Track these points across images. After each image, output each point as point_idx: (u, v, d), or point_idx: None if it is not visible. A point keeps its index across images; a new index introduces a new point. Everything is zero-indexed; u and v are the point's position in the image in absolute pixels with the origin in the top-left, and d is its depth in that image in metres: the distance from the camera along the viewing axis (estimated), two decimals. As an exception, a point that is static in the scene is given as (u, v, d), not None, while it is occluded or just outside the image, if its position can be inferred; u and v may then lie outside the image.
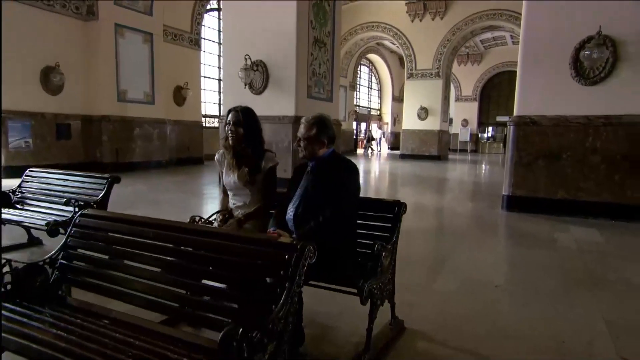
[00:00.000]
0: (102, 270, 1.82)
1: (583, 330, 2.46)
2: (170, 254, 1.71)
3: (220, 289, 1.57)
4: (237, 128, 2.41)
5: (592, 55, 5.56)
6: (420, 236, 4.68)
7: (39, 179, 3.92)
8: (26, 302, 1.72)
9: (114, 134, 10.32)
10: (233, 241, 1.57)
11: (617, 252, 4.23)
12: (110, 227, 1.89)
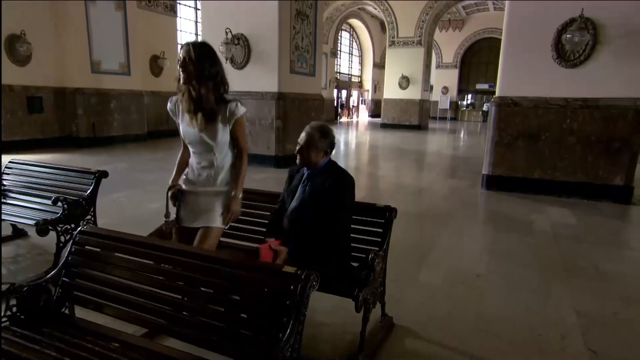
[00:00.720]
0: (103, 289, 1.85)
1: (557, 323, 2.66)
2: (171, 277, 1.76)
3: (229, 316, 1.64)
4: (187, 65, 2.08)
5: (574, 38, 5.63)
6: (405, 221, 4.78)
7: (22, 171, 3.82)
8: (32, 322, 1.76)
9: (89, 108, 9.98)
10: (238, 269, 1.62)
11: (588, 235, 4.47)
12: (110, 246, 1.91)
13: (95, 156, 8.93)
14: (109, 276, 1.87)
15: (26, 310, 1.78)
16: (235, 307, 1.59)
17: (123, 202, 5.44)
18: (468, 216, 5.14)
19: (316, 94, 9.43)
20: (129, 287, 1.79)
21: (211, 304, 1.65)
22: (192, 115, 2.16)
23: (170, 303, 1.71)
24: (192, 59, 2.09)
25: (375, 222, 2.46)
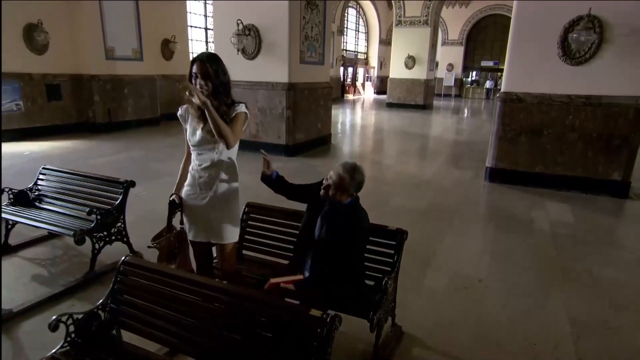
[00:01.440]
0: (146, 317, 2.04)
1: (551, 332, 2.84)
2: (202, 310, 1.92)
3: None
4: (206, 82, 2.17)
5: (580, 38, 5.60)
6: (412, 219, 4.95)
7: (55, 177, 3.95)
8: (87, 346, 1.96)
9: (105, 94, 10.05)
10: (269, 308, 1.79)
11: (584, 236, 4.59)
12: (151, 278, 2.07)
13: (112, 142, 9.08)
14: (148, 304, 2.04)
15: (82, 335, 1.98)
16: (267, 343, 1.77)
17: (143, 197, 5.59)
18: (471, 214, 5.26)
19: (325, 81, 9.42)
20: (167, 315, 1.97)
21: (244, 338, 1.82)
22: (201, 122, 2.22)
23: (204, 333, 1.89)
24: (209, 76, 2.17)
25: (387, 244, 2.60)
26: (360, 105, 22.68)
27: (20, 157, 7.42)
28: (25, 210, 3.72)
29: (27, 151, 7.85)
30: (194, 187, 2.36)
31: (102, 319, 2.05)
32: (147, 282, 2.08)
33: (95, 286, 3.29)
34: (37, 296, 3.06)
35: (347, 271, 2.29)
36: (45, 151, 7.98)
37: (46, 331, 2.71)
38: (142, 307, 2.05)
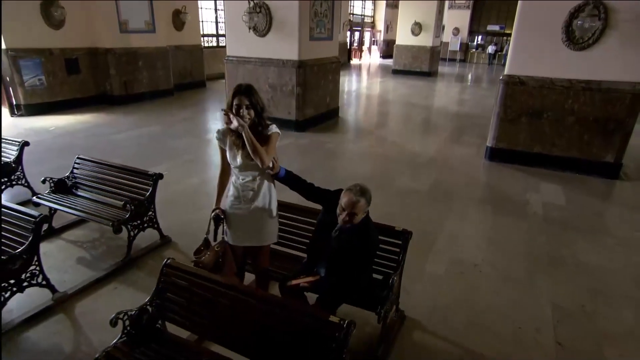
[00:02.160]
0: (183, 311, 2.31)
1: (534, 316, 3.11)
2: (234, 310, 2.18)
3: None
4: (249, 111, 2.36)
5: (584, 25, 5.54)
6: (417, 202, 5.15)
7: (89, 167, 4.15)
8: (139, 336, 2.25)
9: (120, 67, 10.04)
10: (294, 314, 2.05)
11: (573, 220, 4.78)
12: (188, 279, 2.32)
13: (130, 116, 9.20)
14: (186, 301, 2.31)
15: (135, 327, 2.27)
16: (291, 342, 2.03)
17: (167, 177, 5.76)
18: (471, 196, 5.41)
19: (333, 56, 9.34)
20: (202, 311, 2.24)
21: (270, 336, 2.09)
22: (240, 148, 2.41)
23: (235, 328, 2.16)
24: (252, 106, 2.37)
25: (394, 243, 2.82)
26: (366, 71, 22.32)
27: (47, 133, 7.61)
28: (65, 198, 3.97)
29: (53, 126, 8.02)
30: (238, 199, 2.54)
31: (150, 313, 2.33)
32: (185, 282, 2.33)
33: (133, 270, 3.58)
34: (85, 279, 3.36)
35: (359, 277, 2.51)
36: (69, 126, 8.13)
37: (98, 311, 3.07)
38: (181, 303, 2.32)
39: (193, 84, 13.10)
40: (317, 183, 2.72)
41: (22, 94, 8.48)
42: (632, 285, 3.59)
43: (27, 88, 8.53)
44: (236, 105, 2.37)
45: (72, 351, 2.68)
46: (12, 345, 2.69)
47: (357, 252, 2.38)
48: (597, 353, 2.79)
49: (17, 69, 8.27)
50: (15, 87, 8.37)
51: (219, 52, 15.44)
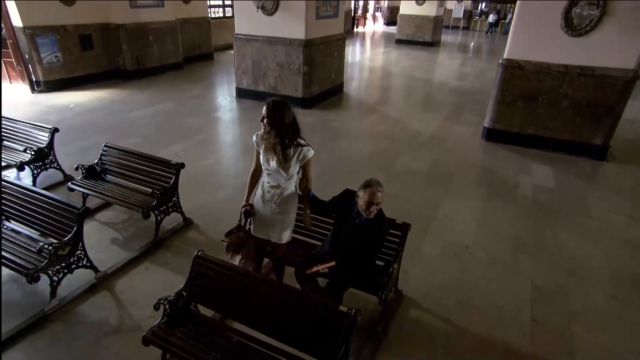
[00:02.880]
0: (213, 297, 2.62)
1: (516, 295, 3.42)
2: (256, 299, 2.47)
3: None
4: (268, 121, 2.57)
5: (583, 13, 5.54)
6: (413, 183, 5.39)
7: (115, 154, 4.35)
8: (176, 317, 2.57)
9: (132, 42, 9.99)
10: (308, 303, 2.34)
11: (560, 203, 5.01)
12: (215, 269, 2.61)
13: (144, 93, 9.28)
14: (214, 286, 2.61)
15: (173, 310, 2.58)
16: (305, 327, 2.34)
17: (182, 157, 5.94)
18: (467, 177, 5.61)
19: (339, 33, 9.26)
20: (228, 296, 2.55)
21: (288, 320, 2.39)
22: (273, 154, 2.64)
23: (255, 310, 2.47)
24: (275, 117, 2.55)
25: (394, 234, 3.08)
26: (370, 39, 21.85)
27: (67, 111, 7.76)
28: (96, 184, 4.22)
29: (72, 104, 8.15)
30: (263, 199, 2.81)
31: (184, 297, 2.64)
32: (212, 272, 2.61)
33: (161, 251, 3.88)
34: (120, 259, 3.67)
35: (370, 266, 2.79)
36: (87, 103, 8.26)
37: (134, 289, 3.39)
38: (209, 288, 2.62)
39: (201, 57, 13.01)
40: (324, 163, 3.06)
41: (41, 70, 8.55)
42: (605, 265, 3.88)
43: (45, 65, 8.58)
44: (265, 114, 2.57)
45: (117, 324, 3.03)
46: (68, 318, 3.03)
47: (373, 243, 2.67)
48: (566, 329, 3.11)
49: (35, 47, 8.29)
50: (34, 64, 8.42)
51: (226, 22, 15.17)
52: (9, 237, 3.29)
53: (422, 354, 2.84)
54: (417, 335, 3.01)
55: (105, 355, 2.76)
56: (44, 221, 3.26)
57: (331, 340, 2.21)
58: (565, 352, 2.90)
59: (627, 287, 3.59)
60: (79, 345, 2.83)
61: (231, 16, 15.65)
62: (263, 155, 2.71)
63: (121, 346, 2.83)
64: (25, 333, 2.88)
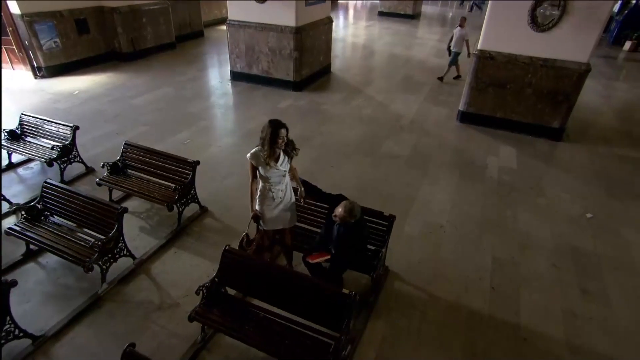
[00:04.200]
0: (239, 281, 3.14)
1: (479, 268, 4.05)
2: (275, 283, 3.00)
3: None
4: (289, 140, 3.14)
5: (545, 12, 5.88)
6: (396, 168, 5.86)
7: (134, 151, 4.67)
8: (212, 298, 3.09)
9: (126, 24, 9.83)
10: (317, 288, 2.87)
11: (521, 182, 5.58)
12: (239, 260, 3.10)
13: (142, 76, 9.29)
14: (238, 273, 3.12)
15: (209, 293, 3.09)
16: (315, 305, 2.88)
17: (189, 145, 6.27)
18: (443, 160, 6.07)
19: (326, 17, 9.33)
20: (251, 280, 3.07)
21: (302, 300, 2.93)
22: (274, 161, 3.12)
23: (271, 290, 3.00)
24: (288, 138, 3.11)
25: (382, 224, 3.60)
26: (352, 10, 21.44)
27: (73, 98, 7.83)
28: (121, 179, 4.58)
29: (76, 90, 8.19)
30: (270, 199, 3.26)
31: (217, 283, 3.15)
32: (238, 262, 3.12)
33: (184, 237, 4.33)
34: (151, 246, 4.13)
35: (358, 255, 3.33)
36: (91, 90, 8.30)
37: (167, 272, 3.89)
38: (235, 274, 3.13)
39: (192, 35, 12.81)
40: (316, 149, 3.64)
41: (42, 56, 8.47)
42: (549, 238, 4.52)
43: (45, 51, 8.49)
44: (283, 136, 3.04)
45: (159, 303, 3.54)
46: (118, 298, 3.53)
47: (355, 247, 3.22)
48: (515, 293, 3.77)
49: (34, 34, 8.17)
50: (35, 50, 8.33)
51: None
52: (64, 234, 3.70)
53: (404, 318, 3.46)
54: (400, 304, 3.62)
55: (155, 328, 3.29)
56: (90, 219, 3.68)
57: (337, 315, 2.77)
58: (513, 312, 3.56)
59: (565, 257, 4.26)
60: (132, 320, 3.35)
61: (219, -9, 15.22)
62: (262, 169, 3.14)
63: (166, 320, 3.36)
64: (87, 311, 3.38)
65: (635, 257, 4.30)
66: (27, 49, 8.25)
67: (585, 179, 5.81)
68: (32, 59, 8.41)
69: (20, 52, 8.22)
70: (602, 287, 3.87)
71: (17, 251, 3.92)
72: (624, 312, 3.62)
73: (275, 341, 2.81)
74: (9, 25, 7.81)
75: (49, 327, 3.21)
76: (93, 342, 3.17)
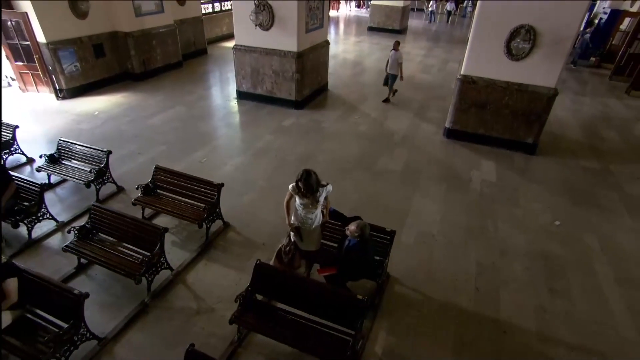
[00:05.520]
0: (268, 289, 3.63)
1: (465, 271, 4.59)
2: (298, 290, 3.50)
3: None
4: (317, 182, 3.63)
5: (519, 45, 6.48)
6: (392, 182, 6.39)
7: (165, 175, 5.12)
8: (247, 304, 3.57)
9: (138, 47, 10.21)
10: (335, 295, 3.37)
11: (500, 194, 6.15)
12: (268, 272, 3.59)
13: (155, 96, 9.65)
14: (267, 282, 3.61)
15: (245, 300, 3.57)
16: (334, 308, 3.38)
17: (205, 164, 6.68)
18: (432, 174, 6.59)
19: (324, 40, 9.83)
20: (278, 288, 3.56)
21: (322, 303, 3.43)
22: (311, 201, 3.66)
23: (295, 296, 3.50)
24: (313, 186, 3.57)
25: (384, 238, 4.12)
26: (343, 25, 21.97)
27: (94, 119, 8.18)
28: (154, 199, 5.02)
29: (96, 111, 8.55)
30: (303, 224, 3.79)
31: (250, 291, 3.63)
32: (267, 274, 3.61)
33: (212, 249, 4.79)
34: (184, 258, 4.58)
35: (365, 265, 3.84)
36: (109, 110, 8.66)
37: (201, 281, 4.35)
38: (265, 283, 3.62)
39: (197, 53, 13.21)
40: (322, 165, 4.52)
41: (63, 79, 8.82)
42: (524, 245, 5.09)
43: (67, 74, 8.84)
44: (303, 190, 3.58)
45: (197, 308, 4.00)
46: (161, 305, 3.98)
47: (360, 263, 3.72)
48: (496, 293, 4.32)
49: (57, 59, 8.52)
50: (57, 74, 8.68)
51: (216, 17, 15.20)
52: (110, 249, 4.15)
53: (405, 317, 3.99)
54: (400, 304, 4.14)
55: (196, 330, 3.76)
56: (135, 237, 4.13)
57: (353, 316, 3.28)
58: (494, 310, 4.11)
59: (537, 260, 4.83)
60: (175, 324, 3.82)
61: (219, 11, 15.62)
62: (299, 199, 3.69)
63: (205, 323, 3.83)
64: (137, 317, 3.83)
65: (593, 260, 4.89)
66: (50, 73, 8.60)
67: (554, 189, 6.41)
68: (55, 81, 8.75)
69: (45, 76, 8.56)
70: (566, 287, 4.45)
71: (70, 264, 4.34)
72: (583, 307, 4.20)
73: (302, 338, 3.32)
74: (36, 52, 8.15)
75: (109, 331, 3.66)
76: (146, 342, 3.63)
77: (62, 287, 3.30)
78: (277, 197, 5.80)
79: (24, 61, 8.40)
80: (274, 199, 5.65)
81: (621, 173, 7.04)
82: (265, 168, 6.58)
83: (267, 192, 5.94)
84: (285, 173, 6.39)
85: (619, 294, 4.37)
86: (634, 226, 5.57)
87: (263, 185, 6.14)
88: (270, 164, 6.69)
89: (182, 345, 2.91)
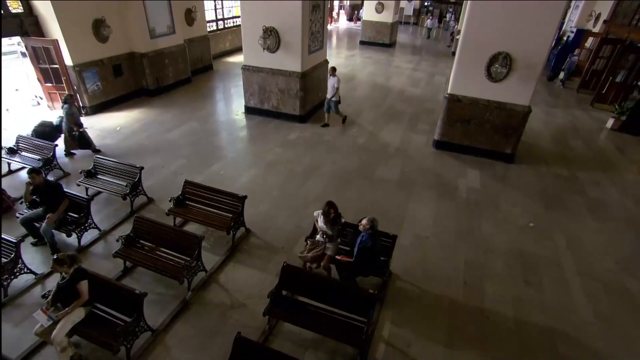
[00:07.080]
0: (293, 285, 4.17)
1: (456, 268, 5.17)
2: (319, 287, 4.05)
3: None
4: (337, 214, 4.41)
5: (497, 70, 7.13)
6: (389, 190, 6.96)
7: (194, 190, 5.61)
8: (276, 301, 4.10)
9: (153, 66, 10.65)
10: (349, 290, 3.92)
11: (483, 200, 6.78)
12: (292, 273, 4.13)
13: (169, 111, 10.08)
14: (292, 280, 4.15)
15: (275, 296, 4.10)
16: (350, 300, 3.93)
17: (223, 176, 7.17)
18: (424, 182, 7.18)
19: (324, 60, 10.39)
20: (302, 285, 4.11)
21: (340, 297, 3.97)
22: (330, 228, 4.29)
23: (319, 292, 4.05)
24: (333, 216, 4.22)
25: (387, 242, 4.69)
26: (336, 39, 22.56)
27: (117, 134, 8.60)
28: (185, 210, 5.51)
29: (118, 126, 8.98)
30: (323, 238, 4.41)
31: (279, 288, 4.16)
32: (290, 275, 4.15)
33: (237, 253, 5.30)
34: (215, 261, 5.09)
35: (373, 260, 4.41)
36: (129, 125, 9.10)
37: (232, 281, 4.86)
38: (291, 281, 4.16)
39: (204, 69, 13.66)
40: (326, 176, 5.40)
41: (87, 98, 9.24)
42: (504, 244, 5.70)
43: (90, 93, 9.26)
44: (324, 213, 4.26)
45: (230, 304, 4.51)
46: (200, 301, 4.49)
47: (370, 251, 4.25)
48: (481, 286, 4.91)
49: (82, 80, 8.95)
50: (82, 93, 9.10)
51: (220, 34, 15.68)
52: (152, 254, 4.64)
53: (406, 309, 4.55)
54: (401, 297, 4.71)
55: (231, 322, 4.28)
56: (174, 244, 4.63)
57: (366, 306, 3.84)
58: (480, 300, 4.71)
59: (515, 257, 5.44)
60: (213, 317, 4.33)
61: (223, 28, 16.09)
62: (320, 224, 4.40)
63: (238, 316, 4.35)
64: (181, 312, 4.33)
65: (561, 256, 5.53)
66: (75, 92, 9.00)
67: (529, 194, 7.06)
68: (79, 100, 9.16)
69: (70, 95, 8.97)
70: (539, 279, 5.07)
71: (115, 268, 4.82)
72: (553, 296, 4.82)
73: (324, 325, 3.86)
74: (64, 74, 8.56)
75: (159, 324, 4.16)
76: (191, 333, 4.14)
77: (123, 287, 3.80)
78: (290, 205, 6.34)
79: (52, 82, 8.80)
80: (288, 207, 6.18)
81: (585, 179, 7.73)
82: (277, 179, 7.10)
83: (281, 201, 6.47)
84: (295, 184, 6.93)
85: (580, 285, 5.01)
86: (594, 226, 6.24)
87: (276, 195, 6.66)
88: (281, 175, 7.21)
89: (221, 335, 3.43)
